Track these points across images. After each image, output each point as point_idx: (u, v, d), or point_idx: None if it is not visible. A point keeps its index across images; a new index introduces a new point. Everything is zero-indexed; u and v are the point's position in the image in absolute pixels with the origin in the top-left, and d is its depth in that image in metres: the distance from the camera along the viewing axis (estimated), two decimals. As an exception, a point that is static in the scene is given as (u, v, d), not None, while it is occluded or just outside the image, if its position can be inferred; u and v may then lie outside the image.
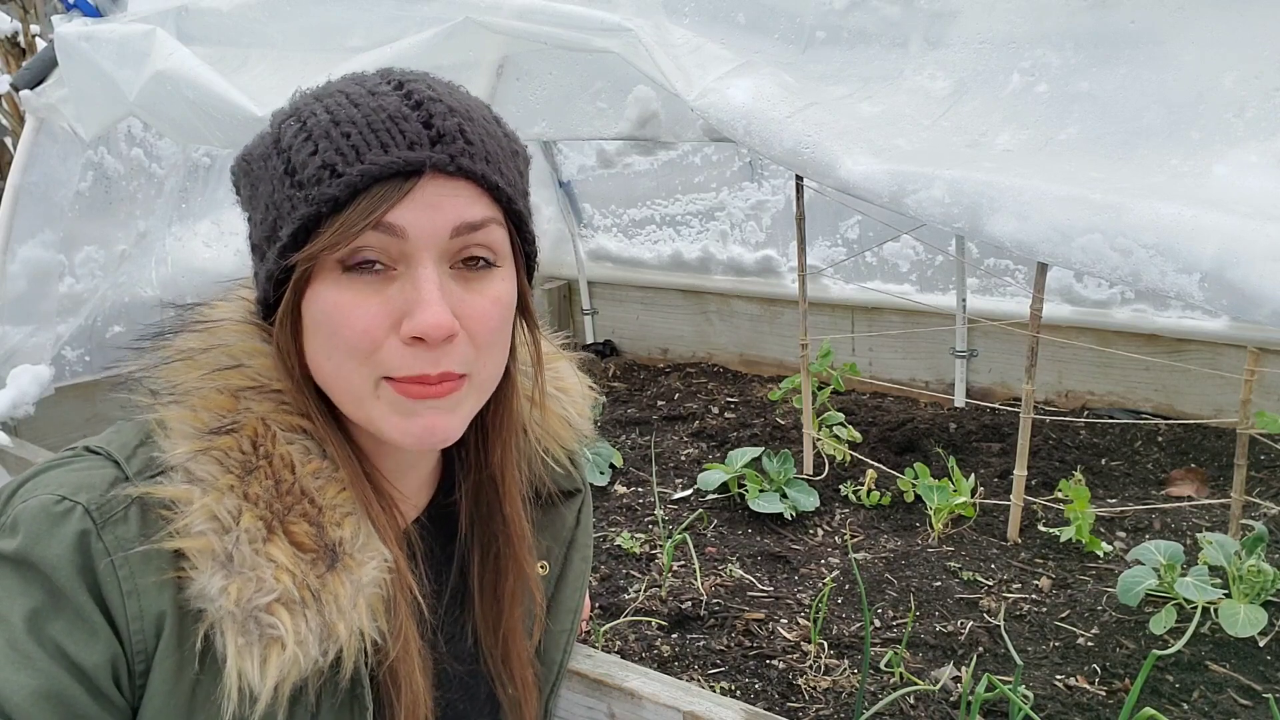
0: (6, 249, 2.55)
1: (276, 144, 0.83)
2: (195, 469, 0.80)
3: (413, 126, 0.79)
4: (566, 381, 1.14)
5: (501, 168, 0.84)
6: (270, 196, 0.82)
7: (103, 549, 0.77)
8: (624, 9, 1.36)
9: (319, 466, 0.85)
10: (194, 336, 0.89)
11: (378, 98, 0.81)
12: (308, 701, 0.84)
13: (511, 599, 1.04)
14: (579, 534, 1.17)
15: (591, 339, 3.82)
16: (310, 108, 0.83)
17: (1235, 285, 0.83)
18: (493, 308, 0.85)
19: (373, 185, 0.78)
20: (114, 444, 0.84)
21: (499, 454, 1.00)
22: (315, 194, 0.78)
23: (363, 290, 0.80)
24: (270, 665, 0.77)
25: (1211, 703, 1.50)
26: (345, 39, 1.74)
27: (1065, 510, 2.00)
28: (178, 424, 0.83)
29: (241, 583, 0.77)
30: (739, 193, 3.39)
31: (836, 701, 1.56)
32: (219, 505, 0.79)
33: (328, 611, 0.80)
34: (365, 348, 0.80)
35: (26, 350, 2.63)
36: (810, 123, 1.14)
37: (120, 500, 0.79)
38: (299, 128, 0.82)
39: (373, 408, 0.83)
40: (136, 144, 2.84)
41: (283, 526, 0.81)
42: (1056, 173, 1.01)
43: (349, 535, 0.84)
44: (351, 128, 0.79)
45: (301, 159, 0.80)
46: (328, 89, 0.85)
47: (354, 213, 0.78)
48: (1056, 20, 1.12)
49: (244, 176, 0.89)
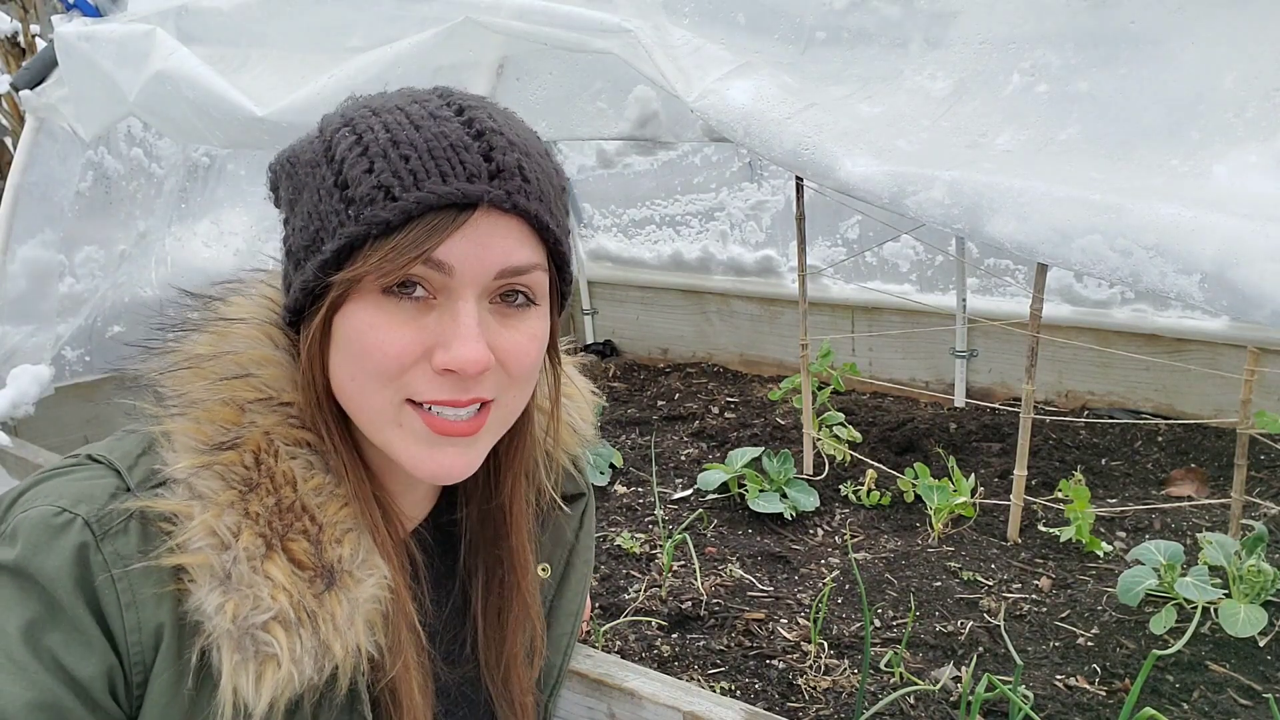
0: (6, 249, 2.55)
1: (328, 153, 0.81)
2: (197, 484, 0.80)
3: (473, 158, 0.78)
4: (571, 387, 1.14)
5: (552, 208, 0.83)
6: (316, 206, 0.81)
7: (102, 562, 0.77)
8: (624, 9, 1.36)
9: (321, 483, 0.85)
10: (204, 340, 0.88)
11: (439, 122, 0.79)
12: (304, 716, 0.84)
13: (514, 627, 1.03)
14: (581, 537, 1.17)
15: (591, 339, 3.82)
16: (367, 121, 0.80)
17: (1235, 286, 0.83)
18: (529, 344, 0.84)
19: (426, 213, 0.77)
20: (116, 453, 0.84)
21: (509, 485, 0.99)
22: (367, 214, 0.77)
23: (399, 315, 0.79)
24: (265, 682, 0.77)
25: (1211, 703, 1.50)
26: (345, 39, 1.74)
27: (1065, 510, 2.00)
28: (181, 436, 0.82)
29: (238, 600, 0.77)
30: (739, 193, 3.39)
31: (836, 701, 1.56)
32: (218, 522, 0.79)
33: (324, 631, 0.80)
34: (393, 371, 0.80)
35: (26, 350, 2.63)
36: (810, 124, 1.14)
37: (120, 513, 0.79)
38: (354, 140, 0.79)
39: (393, 434, 0.83)
40: (136, 144, 2.84)
41: (282, 544, 0.80)
42: (1056, 173, 1.01)
43: (348, 553, 0.83)
44: (411, 150, 0.77)
45: (355, 175, 0.78)
46: (384, 103, 0.83)
47: (404, 240, 0.76)
48: (1056, 20, 1.12)
49: (287, 179, 0.86)
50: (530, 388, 0.90)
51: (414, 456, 0.83)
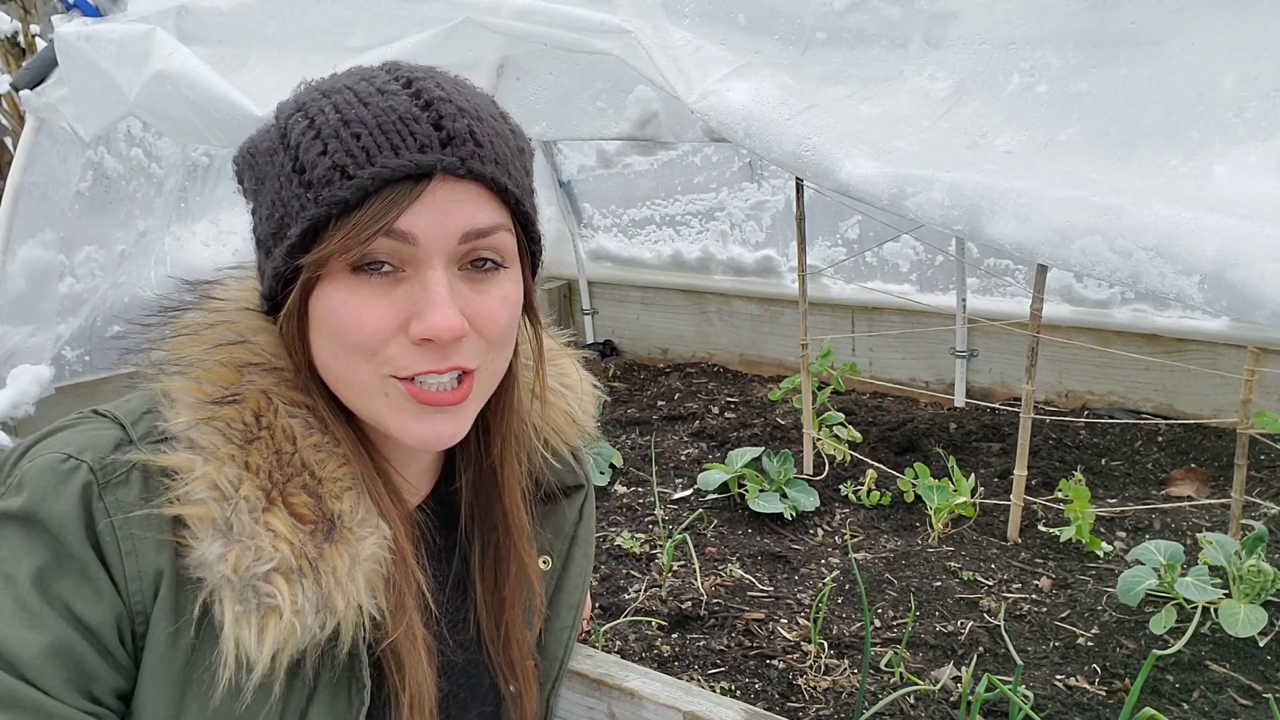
0: (6, 249, 2.55)
1: (284, 140, 0.82)
2: (197, 438, 0.81)
3: (423, 129, 0.79)
4: (570, 378, 1.14)
5: (510, 169, 0.84)
6: (278, 193, 0.82)
7: (103, 509, 0.78)
8: (624, 10, 1.36)
9: (320, 440, 0.86)
10: (200, 314, 0.89)
11: (387, 97, 0.80)
12: (305, 675, 0.84)
13: (513, 589, 1.05)
14: (581, 529, 1.18)
15: (591, 339, 3.82)
16: (318, 104, 0.82)
17: (1235, 287, 0.83)
18: (500, 307, 0.86)
19: (383, 188, 0.78)
20: (121, 409, 0.86)
21: (499, 447, 1.01)
22: (325, 195, 0.78)
23: (371, 291, 0.81)
24: (267, 634, 0.78)
25: (1211, 703, 1.50)
26: (345, 39, 1.74)
27: (1065, 510, 2.00)
28: (181, 394, 0.83)
29: (240, 551, 0.78)
30: (739, 193, 3.39)
31: (836, 701, 1.56)
32: (219, 474, 0.80)
33: (325, 582, 0.81)
34: (372, 346, 0.81)
35: (26, 350, 2.63)
36: (810, 125, 1.14)
37: (123, 464, 0.80)
38: (306, 124, 0.81)
39: (381, 405, 0.85)
40: (136, 144, 2.84)
41: (282, 497, 0.82)
42: (1056, 174, 1.01)
43: (348, 509, 0.85)
44: (361, 128, 0.78)
45: (310, 158, 0.79)
46: (334, 84, 0.84)
47: (365, 216, 0.78)
48: (1056, 21, 1.12)
49: (248, 170, 0.88)
50: (509, 350, 0.92)
51: (402, 425, 0.85)
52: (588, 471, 1.21)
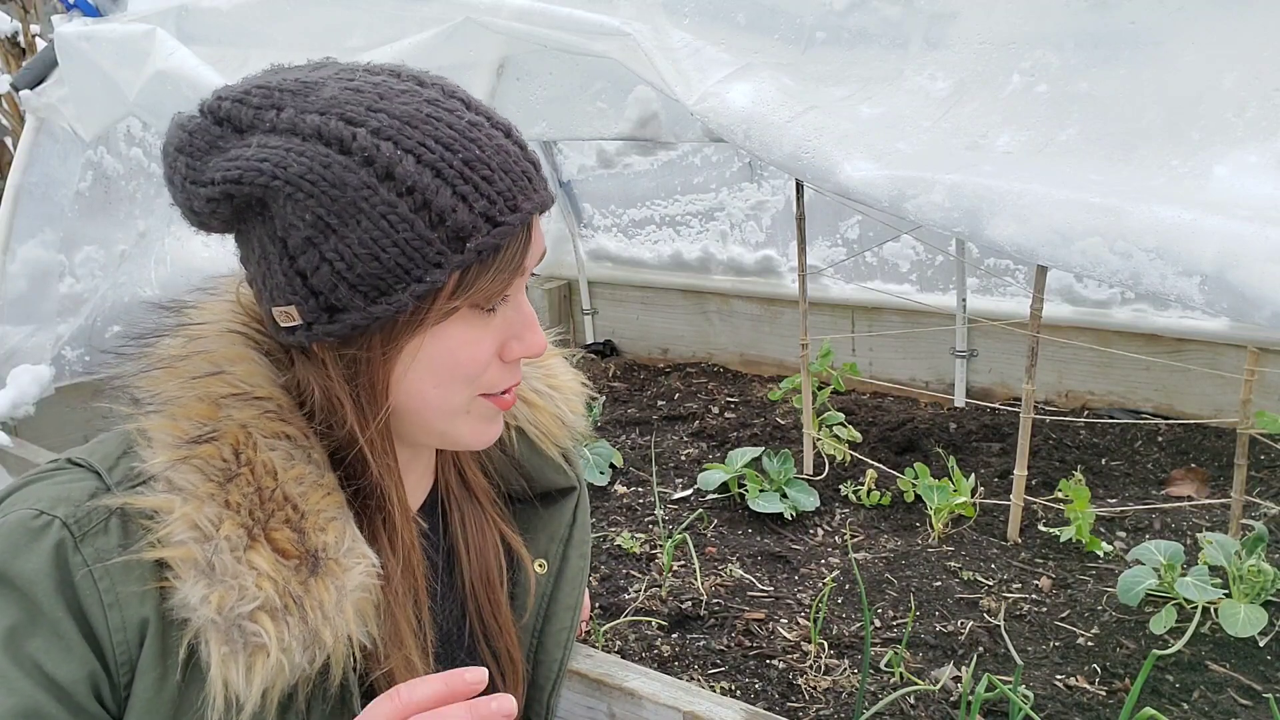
0: (6, 249, 2.55)
1: (383, 173, 0.77)
2: (176, 478, 0.80)
3: (525, 166, 0.84)
4: (558, 379, 1.14)
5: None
6: (387, 234, 0.77)
7: (80, 561, 0.77)
8: (624, 10, 1.36)
9: (302, 472, 0.85)
10: (176, 343, 0.88)
11: (478, 129, 0.81)
12: (298, 708, 0.84)
13: (494, 554, 1.09)
14: (576, 531, 1.18)
15: (591, 339, 3.82)
16: (408, 134, 0.77)
17: (1236, 288, 0.83)
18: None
19: (519, 230, 0.83)
20: (96, 455, 0.84)
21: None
22: (476, 244, 0.80)
23: (482, 323, 0.86)
24: (255, 673, 0.77)
25: (1211, 703, 1.50)
26: (345, 39, 1.74)
27: (1065, 510, 2.00)
28: (158, 433, 0.82)
29: (224, 591, 0.77)
30: (739, 193, 3.38)
31: (836, 701, 1.56)
32: (199, 514, 0.79)
33: (312, 618, 0.80)
34: (479, 372, 0.88)
35: (26, 350, 2.63)
36: (810, 127, 1.14)
37: (100, 511, 0.79)
38: (414, 161, 0.77)
39: (460, 420, 0.91)
40: (136, 144, 2.84)
41: (265, 533, 0.81)
42: (1056, 175, 1.01)
43: (333, 540, 0.84)
44: (488, 171, 0.80)
45: (445, 202, 0.77)
46: (403, 107, 0.79)
47: (505, 259, 0.82)
48: (1056, 20, 1.12)
49: (323, 204, 0.77)
50: None
51: (479, 432, 0.93)
52: (579, 473, 1.21)
